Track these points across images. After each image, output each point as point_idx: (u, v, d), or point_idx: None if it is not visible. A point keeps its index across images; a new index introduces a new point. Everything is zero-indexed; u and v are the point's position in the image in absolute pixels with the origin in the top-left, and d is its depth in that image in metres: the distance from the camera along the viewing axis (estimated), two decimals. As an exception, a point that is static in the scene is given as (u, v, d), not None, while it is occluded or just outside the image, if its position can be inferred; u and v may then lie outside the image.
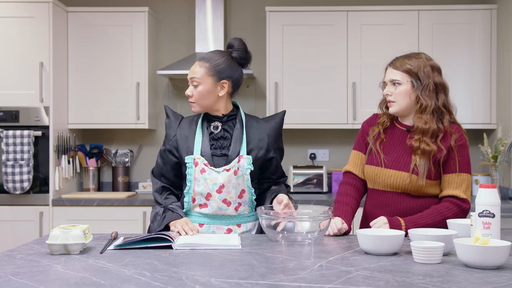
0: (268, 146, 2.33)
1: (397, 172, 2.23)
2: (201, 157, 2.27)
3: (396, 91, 2.25)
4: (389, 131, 2.34)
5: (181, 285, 1.41)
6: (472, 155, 4.47)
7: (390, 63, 2.31)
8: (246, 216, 2.34)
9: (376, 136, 2.34)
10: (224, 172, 2.24)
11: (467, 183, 2.24)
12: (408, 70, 2.24)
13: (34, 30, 4.00)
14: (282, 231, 2.03)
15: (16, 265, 1.65)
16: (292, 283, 1.43)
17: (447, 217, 2.17)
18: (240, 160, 2.26)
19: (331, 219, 2.10)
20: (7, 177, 3.89)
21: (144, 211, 3.97)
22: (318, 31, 4.23)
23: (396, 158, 2.26)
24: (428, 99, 2.23)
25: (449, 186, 2.23)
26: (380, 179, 2.27)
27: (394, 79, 2.25)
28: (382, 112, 2.38)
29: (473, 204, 2.10)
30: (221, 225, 2.29)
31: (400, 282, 1.44)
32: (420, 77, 2.24)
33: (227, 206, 2.27)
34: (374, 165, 2.30)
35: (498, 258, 1.58)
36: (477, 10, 4.19)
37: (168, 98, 4.63)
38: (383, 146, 2.31)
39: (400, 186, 2.23)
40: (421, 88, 2.23)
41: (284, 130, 2.49)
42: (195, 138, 2.32)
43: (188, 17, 4.60)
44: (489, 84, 4.17)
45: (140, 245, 1.91)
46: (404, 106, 2.25)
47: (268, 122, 2.38)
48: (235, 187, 2.26)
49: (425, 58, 2.28)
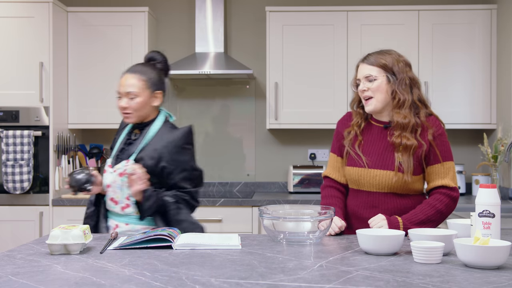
0: (160, 156, 2.36)
1: (382, 171, 2.22)
2: (111, 159, 2.49)
3: (372, 86, 2.23)
4: (366, 130, 2.33)
5: (181, 285, 1.41)
6: (472, 155, 4.49)
7: (363, 59, 2.30)
8: (134, 218, 2.39)
9: (353, 139, 2.31)
10: (113, 173, 2.42)
11: (453, 171, 2.25)
12: (383, 65, 2.24)
13: (34, 30, 4.00)
14: (284, 231, 2.03)
15: (16, 265, 1.65)
16: (292, 283, 1.43)
17: (439, 209, 2.18)
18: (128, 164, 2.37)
19: (332, 219, 2.10)
20: (7, 177, 3.89)
21: (144, 211, 3.96)
22: (318, 31, 4.23)
23: (379, 157, 2.25)
24: (405, 93, 2.23)
25: (436, 177, 2.23)
26: (364, 180, 2.26)
27: (370, 74, 2.24)
28: (355, 112, 2.36)
29: (473, 204, 2.10)
30: (113, 219, 2.44)
31: (400, 282, 1.44)
32: (395, 71, 2.24)
33: (115, 204, 2.41)
34: (356, 167, 2.28)
35: (498, 258, 1.58)
36: (477, 10, 4.19)
37: (168, 98, 4.63)
38: (362, 147, 2.29)
39: (386, 185, 2.22)
40: (397, 82, 2.23)
41: (284, 130, 2.49)
42: (117, 143, 2.54)
43: (188, 17, 4.60)
44: (489, 84, 4.17)
45: (140, 245, 1.91)
46: (381, 101, 2.25)
47: (170, 133, 2.42)
48: (120, 188, 2.38)
49: (396, 54, 2.29)
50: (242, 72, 4.16)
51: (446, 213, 2.21)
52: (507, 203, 3.65)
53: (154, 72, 2.46)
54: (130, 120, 2.47)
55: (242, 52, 4.61)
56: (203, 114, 4.66)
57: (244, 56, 4.60)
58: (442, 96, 4.18)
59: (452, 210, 2.23)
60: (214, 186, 4.61)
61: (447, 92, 4.19)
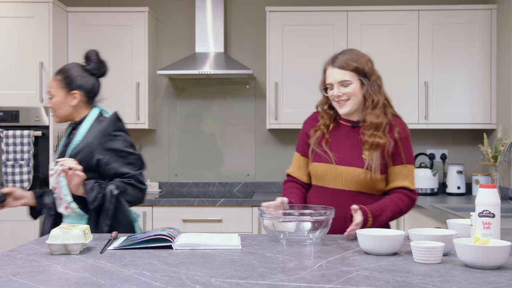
0: (92, 150, 2.38)
1: (349, 168, 2.24)
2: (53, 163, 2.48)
3: (347, 90, 2.24)
4: (333, 129, 2.34)
5: (181, 285, 1.41)
6: (472, 155, 4.49)
7: (332, 63, 2.28)
8: (75, 218, 2.41)
9: (320, 137, 2.32)
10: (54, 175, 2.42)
11: (413, 174, 2.32)
12: (355, 69, 2.24)
13: (34, 30, 4.00)
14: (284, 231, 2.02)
15: (16, 265, 1.65)
16: (292, 283, 1.43)
17: (401, 208, 2.24)
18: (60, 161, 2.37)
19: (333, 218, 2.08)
20: (7, 177, 3.89)
21: (144, 211, 3.97)
22: (318, 31, 4.23)
23: (346, 155, 2.26)
24: (378, 94, 2.26)
25: (398, 178, 2.27)
26: (330, 176, 2.27)
27: (344, 80, 2.24)
28: (324, 112, 2.36)
29: (473, 204, 2.10)
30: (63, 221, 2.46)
31: (400, 282, 1.44)
32: (366, 73, 2.26)
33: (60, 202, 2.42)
34: (323, 162, 2.29)
35: (498, 258, 1.58)
36: (477, 10, 4.19)
37: (168, 98, 4.64)
38: (329, 145, 2.30)
39: (353, 182, 2.24)
40: (369, 84, 2.25)
41: (284, 130, 2.50)
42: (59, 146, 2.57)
43: (188, 17, 4.60)
44: (489, 84, 4.17)
45: (140, 245, 1.91)
46: (357, 104, 2.27)
47: (99, 125, 2.45)
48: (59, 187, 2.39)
49: (361, 54, 2.30)
50: (242, 72, 4.16)
51: (405, 213, 2.28)
52: (507, 203, 3.65)
53: (73, 70, 2.48)
54: (55, 119, 2.53)
55: (242, 52, 4.61)
56: (203, 114, 4.66)
57: (244, 56, 4.60)
58: (442, 96, 4.18)
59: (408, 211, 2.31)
60: (214, 186, 4.61)
61: (447, 92, 4.19)
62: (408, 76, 4.21)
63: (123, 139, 2.44)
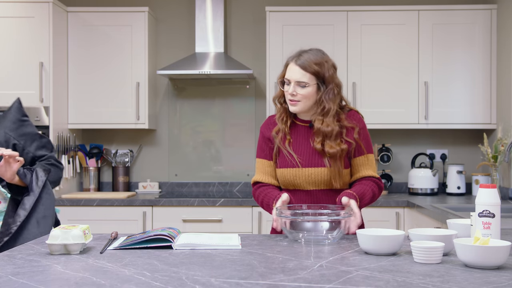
0: (7, 138, 2.45)
1: (315, 169, 2.25)
2: None
3: (302, 92, 2.23)
4: (292, 130, 2.34)
5: (181, 285, 1.41)
6: (472, 155, 4.49)
7: (295, 59, 2.25)
8: None
9: (283, 138, 2.31)
10: None
11: (374, 163, 2.36)
12: (316, 72, 2.22)
13: (34, 30, 4.00)
14: (302, 231, 2.01)
15: (16, 265, 1.65)
16: (292, 283, 1.43)
17: (375, 193, 2.29)
18: None
19: (350, 218, 2.07)
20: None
21: (144, 211, 3.97)
22: (318, 31, 4.23)
23: (309, 156, 2.27)
24: (332, 103, 2.24)
25: (363, 168, 2.31)
26: (300, 180, 2.27)
27: (302, 81, 2.22)
28: (280, 107, 2.35)
29: (473, 204, 2.10)
30: None
31: (400, 282, 1.44)
32: (325, 80, 2.23)
33: None
34: (290, 167, 2.28)
35: (498, 258, 1.58)
36: (477, 10, 4.19)
37: (168, 98, 4.64)
38: (292, 147, 2.30)
39: (322, 181, 2.26)
40: (326, 91, 2.24)
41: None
42: None
43: (188, 17, 4.60)
44: (489, 84, 4.17)
45: (140, 245, 1.91)
46: (308, 106, 2.27)
47: (5, 115, 2.52)
48: None
49: (327, 58, 2.28)
50: (242, 72, 4.16)
51: (376, 199, 2.33)
52: (507, 203, 3.65)
53: None
54: None
55: (242, 52, 4.61)
56: (203, 114, 4.66)
57: (244, 56, 4.60)
58: (442, 97, 4.19)
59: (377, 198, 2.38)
60: (214, 186, 4.61)
61: (447, 92, 4.19)
62: (408, 76, 4.21)
63: (30, 124, 2.55)
